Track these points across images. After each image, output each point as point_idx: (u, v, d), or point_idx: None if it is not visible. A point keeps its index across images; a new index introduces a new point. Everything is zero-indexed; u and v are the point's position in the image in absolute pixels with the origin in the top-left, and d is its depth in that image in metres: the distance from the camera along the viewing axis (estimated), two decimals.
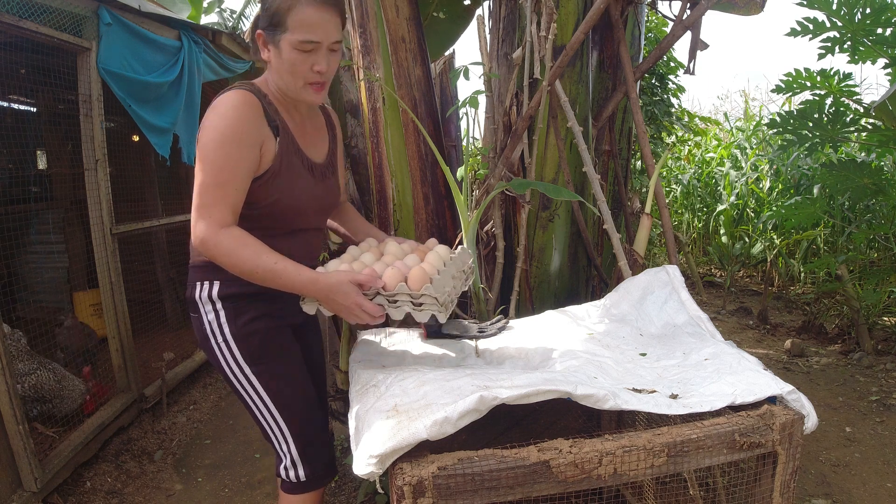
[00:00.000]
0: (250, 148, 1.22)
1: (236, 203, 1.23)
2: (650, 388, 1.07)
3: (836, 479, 2.21)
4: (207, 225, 1.19)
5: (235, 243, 1.19)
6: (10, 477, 1.95)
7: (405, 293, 1.19)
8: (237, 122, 1.20)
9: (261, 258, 1.19)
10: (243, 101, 1.22)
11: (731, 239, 5.19)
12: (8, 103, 3.36)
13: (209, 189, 1.20)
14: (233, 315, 1.32)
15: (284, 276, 1.19)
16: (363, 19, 2.01)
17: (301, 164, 1.33)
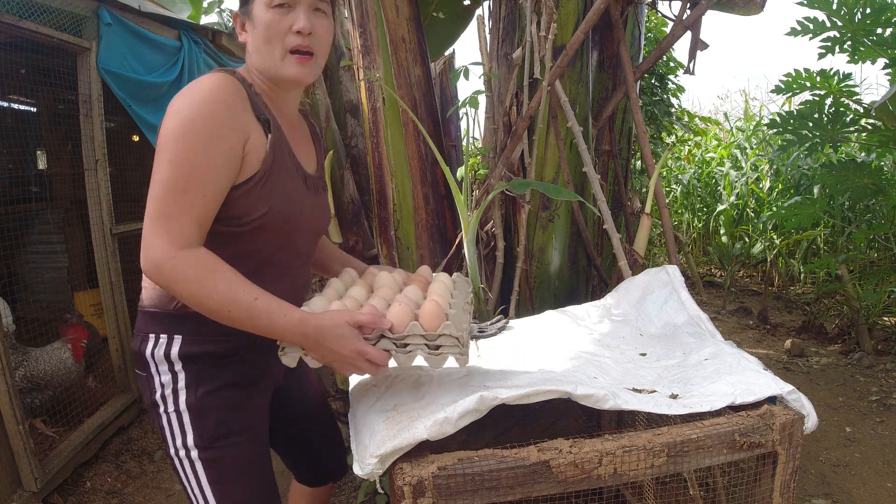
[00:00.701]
0: (230, 140, 0.95)
1: (205, 216, 0.94)
2: (650, 388, 1.07)
3: (836, 479, 2.21)
4: (165, 243, 0.90)
5: (201, 269, 0.91)
6: (10, 477, 1.95)
7: (418, 334, 0.98)
8: (212, 106, 0.93)
9: (236, 291, 0.92)
10: (222, 83, 0.96)
11: (731, 239, 5.19)
12: (8, 103, 3.36)
13: (170, 194, 0.91)
14: (194, 381, 1.05)
15: (265, 316, 0.93)
16: (363, 19, 2.01)
17: (294, 169, 1.09)
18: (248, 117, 1.00)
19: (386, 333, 0.98)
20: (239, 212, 1.00)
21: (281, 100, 1.11)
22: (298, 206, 1.08)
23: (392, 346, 0.98)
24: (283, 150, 1.06)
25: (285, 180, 1.05)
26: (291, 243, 1.12)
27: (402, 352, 0.98)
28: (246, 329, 0.95)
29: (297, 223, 1.09)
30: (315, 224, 1.18)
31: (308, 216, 1.13)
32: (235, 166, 0.98)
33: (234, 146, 0.96)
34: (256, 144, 1.00)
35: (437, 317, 0.99)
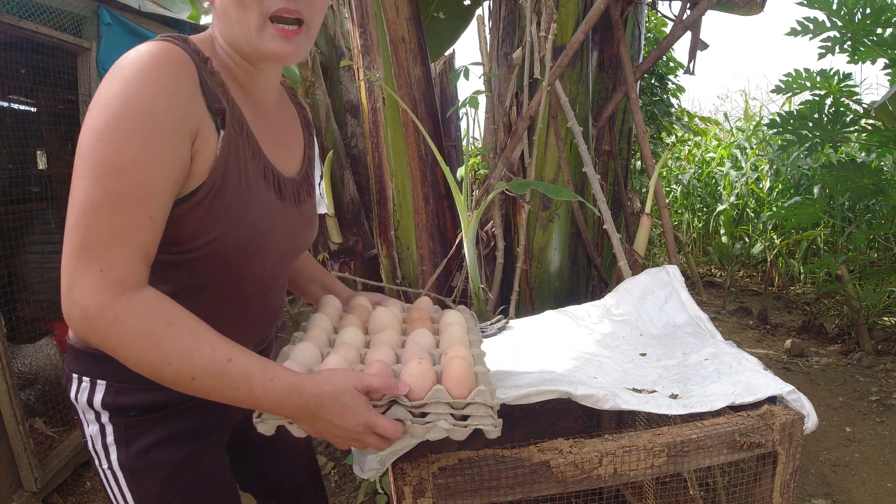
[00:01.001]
0: (176, 137, 0.71)
1: (151, 243, 0.71)
2: (650, 388, 1.07)
3: (836, 479, 2.21)
4: (96, 286, 0.67)
5: (151, 322, 0.68)
6: (10, 477, 1.95)
7: (443, 402, 0.78)
8: (152, 89, 0.68)
9: (201, 351, 0.69)
10: (163, 56, 0.70)
11: (731, 239, 5.18)
12: (8, 103, 3.35)
13: (102, 217, 0.67)
14: (124, 437, 0.84)
15: (244, 384, 0.70)
16: (363, 19, 2.01)
17: (262, 176, 0.83)
18: (198, 105, 0.74)
19: (401, 399, 0.78)
20: (177, 237, 0.75)
21: (253, 81, 0.84)
22: (265, 227, 0.83)
23: (407, 415, 0.78)
24: (243, 152, 0.80)
25: (246, 195, 0.79)
26: (254, 273, 0.87)
27: (420, 422, 0.78)
28: (215, 399, 0.72)
29: (262, 248, 0.84)
30: (292, 244, 0.93)
31: (281, 236, 0.88)
32: (183, 174, 0.73)
33: (182, 147, 0.72)
34: (206, 144, 0.75)
35: (465, 380, 0.80)
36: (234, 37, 0.78)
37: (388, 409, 0.78)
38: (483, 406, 0.79)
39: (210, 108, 0.76)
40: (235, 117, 0.79)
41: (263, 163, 0.84)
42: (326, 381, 0.73)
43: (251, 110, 0.85)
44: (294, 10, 0.76)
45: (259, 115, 0.87)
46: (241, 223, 0.80)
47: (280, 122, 0.94)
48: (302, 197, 0.94)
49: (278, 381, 0.71)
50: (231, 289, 0.86)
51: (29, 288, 3.32)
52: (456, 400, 0.79)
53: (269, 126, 0.89)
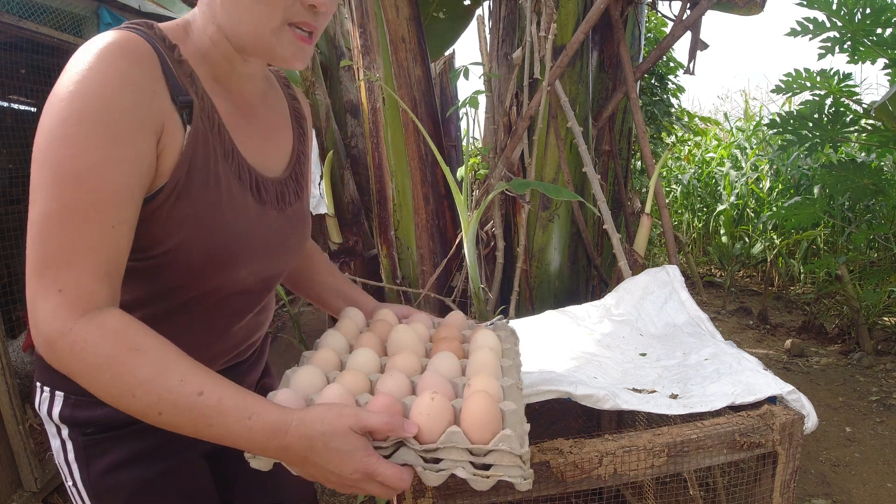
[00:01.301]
0: (140, 136, 0.64)
1: (115, 258, 0.64)
2: (650, 388, 1.07)
3: (836, 479, 2.21)
4: (56, 308, 0.61)
5: (113, 347, 0.61)
6: (10, 477, 1.95)
7: (461, 447, 0.66)
8: (112, 84, 0.62)
9: (167, 383, 0.61)
10: (123, 46, 0.64)
11: (731, 239, 5.18)
12: (8, 103, 3.36)
13: (58, 230, 0.61)
14: (83, 456, 0.79)
15: (218, 421, 0.61)
16: (363, 19, 2.01)
17: (236, 176, 0.75)
18: (162, 98, 0.67)
19: (409, 442, 0.66)
20: (141, 241, 0.69)
21: (233, 72, 0.77)
22: (239, 233, 0.75)
23: (418, 460, 0.66)
24: (213, 150, 0.72)
25: (215, 196, 0.72)
26: (233, 283, 0.78)
27: (432, 469, 0.66)
28: (186, 433, 0.63)
29: (237, 255, 0.76)
30: (276, 251, 0.83)
31: (261, 243, 0.79)
32: (150, 174, 0.66)
33: (146, 144, 0.65)
34: (172, 140, 0.68)
35: (487, 421, 0.67)
36: (239, 29, 0.71)
37: (396, 451, 0.67)
38: (508, 454, 0.65)
39: (175, 99, 0.68)
40: (205, 111, 0.72)
41: (238, 162, 0.76)
42: (317, 419, 0.63)
43: (227, 104, 0.77)
44: (313, 26, 0.74)
45: (237, 110, 0.79)
46: (208, 228, 0.72)
47: (265, 116, 0.85)
48: (287, 199, 0.84)
49: (258, 419, 0.62)
50: (208, 299, 0.78)
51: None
52: (475, 445, 0.66)
53: (249, 121, 0.80)
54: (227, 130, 0.75)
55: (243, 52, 0.75)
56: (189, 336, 0.78)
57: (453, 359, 0.84)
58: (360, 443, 0.63)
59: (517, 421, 0.70)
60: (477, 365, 0.82)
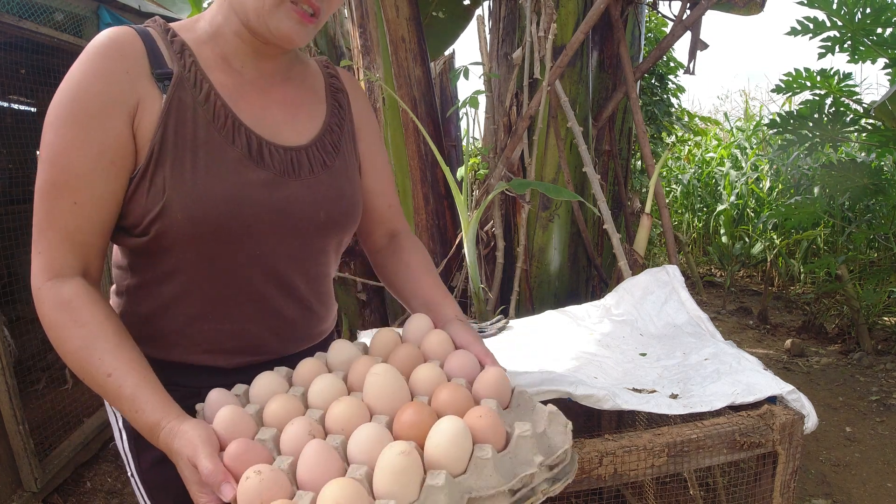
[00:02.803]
0: (108, 119, 0.69)
1: (81, 232, 0.70)
2: (650, 388, 1.07)
3: (836, 479, 2.21)
4: (37, 268, 0.70)
5: (60, 314, 0.68)
6: (10, 477, 1.95)
7: None
8: (85, 76, 0.69)
9: (89, 356, 0.67)
10: (103, 41, 0.71)
11: (731, 239, 5.18)
12: (8, 103, 3.36)
13: (41, 204, 0.70)
14: (134, 446, 0.81)
15: (118, 404, 0.67)
16: (363, 19, 2.01)
17: (228, 140, 0.74)
18: (137, 79, 0.71)
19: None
20: (135, 215, 0.73)
21: (247, 49, 0.79)
22: (229, 194, 0.73)
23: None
24: (195, 112, 0.73)
25: (195, 157, 0.72)
26: (238, 255, 0.76)
27: None
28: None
29: (231, 221, 0.73)
30: (290, 219, 0.78)
31: (261, 208, 0.75)
32: (124, 153, 0.70)
33: (116, 126, 0.69)
34: (149, 115, 0.71)
35: None
36: (245, 7, 0.74)
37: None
38: None
39: (156, 75, 0.73)
40: (189, 80, 0.74)
41: (232, 126, 0.75)
42: (179, 434, 0.64)
43: (232, 78, 0.78)
44: (316, 6, 0.74)
45: (247, 84, 0.79)
46: (190, 191, 0.71)
47: (286, 91, 0.84)
48: (307, 166, 0.80)
49: (141, 416, 0.66)
50: (214, 277, 0.76)
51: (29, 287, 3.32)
52: None
53: (262, 94, 0.80)
54: (221, 98, 0.76)
55: (253, 32, 0.76)
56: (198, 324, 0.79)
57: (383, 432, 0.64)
58: (195, 476, 0.62)
59: None
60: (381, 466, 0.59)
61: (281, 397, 0.71)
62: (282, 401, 0.70)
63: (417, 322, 0.84)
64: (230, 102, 0.76)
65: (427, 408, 0.67)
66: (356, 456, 0.62)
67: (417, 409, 0.66)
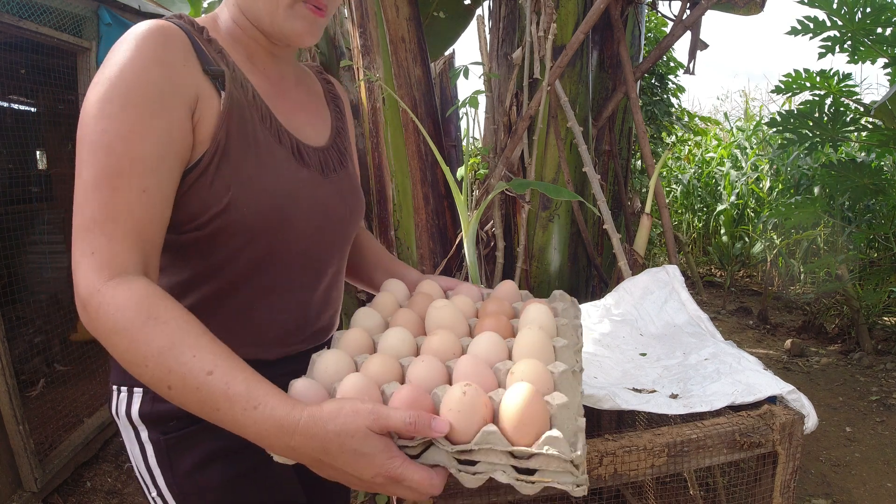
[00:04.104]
0: (171, 107, 0.67)
1: (147, 224, 0.66)
2: (650, 388, 1.07)
3: (836, 478, 2.21)
4: (90, 270, 0.62)
5: (132, 313, 0.60)
6: (10, 477, 1.95)
7: (499, 450, 0.58)
8: (141, 64, 0.66)
9: (178, 355, 0.59)
10: (151, 31, 0.68)
11: (731, 239, 5.18)
12: (8, 103, 3.36)
13: (94, 198, 0.64)
14: (166, 457, 0.77)
15: (225, 405, 0.58)
16: (363, 19, 2.01)
17: (276, 139, 0.78)
18: (194, 72, 0.71)
19: (440, 441, 0.59)
20: (187, 212, 0.71)
21: (265, 53, 0.82)
22: (286, 192, 0.76)
23: (451, 461, 0.59)
24: (249, 114, 0.75)
25: (256, 156, 0.74)
26: (286, 250, 0.79)
27: (467, 471, 0.59)
28: (193, 413, 0.61)
29: (289, 216, 0.77)
30: (328, 216, 0.84)
31: (310, 205, 0.80)
32: (184, 144, 0.69)
33: (178, 115, 0.68)
34: (208, 109, 0.71)
35: (529, 420, 0.58)
36: (256, 9, 0.76)
37: (425, 450, 0.60)
38: (556, 459, 0.56)
39: (207, 71, 0.72)
40: (238, 80, 0.75)
41: (276, 126, 0.79)
42: (329, 418, 0.57)
43: (260, 78, 0.81)
44: (323, 4, 0.78)
45: (272, 86, 0.83)
46: (254, 186, 0.74)
47: (301, 94, 0.89)
48: (332, 166, 0.87)
49: (264, 411, 0.58)
50: (257, 270, 0.78)
51: (29, 288, 3.32)
52: (516, 448, 0.57)
53: (285, 97, 0.84)
54: (262, 99, 0.78)
55: (265, 33, 0.79)
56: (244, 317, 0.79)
57: (497, 339, 0.72)
58: (380, 444, 0.57)
59: (569, 416, 0.60)
60: (522, 347, 0.70)
61: (375, 357, 0.70)
62: (376, 359, 0.69)
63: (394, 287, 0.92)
64: (267, 103, 0.79)
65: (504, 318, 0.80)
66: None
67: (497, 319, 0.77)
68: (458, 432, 0.59)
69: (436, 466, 0.60)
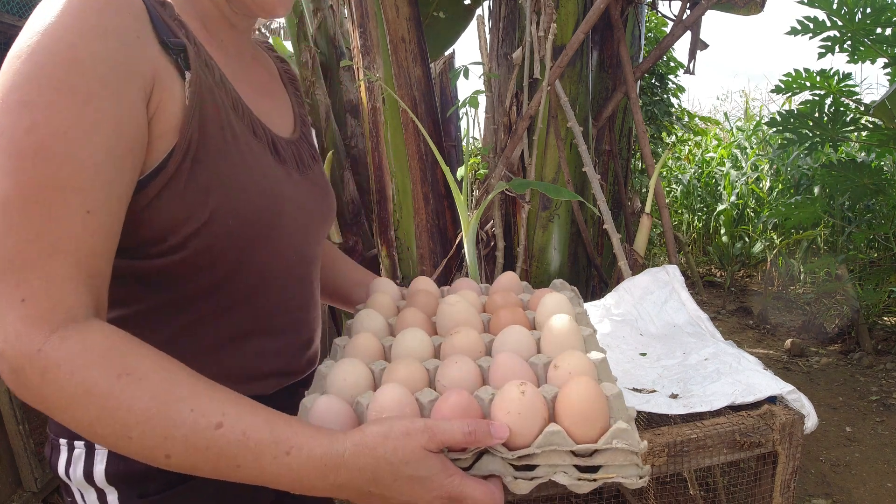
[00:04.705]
0: (122, 94, 0.50)
1: (91, 249, 0.48)
2: (650, 388, 1.07)
3: (836, 478, 2.21)
4: (18, 322, 0.45)
5: (97, 374, 0.46)
6: (10, 477, 1.95)
7: (564, 450, 0.54)
8: (83, 33, 0.48)
9: (174, 415, 0.47)
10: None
11: (731, 239, 5.19)
12: None
13: (12, 220, 0.46)
14: None
15: (250, 458, 0.48)
16: (363, 19, 2.01)
17: (251, 132, 0.63)
18: (152, 48, 0.53)
19: (496, 449, 0.53)
20: (158, 228, 0.54)
21: (223, 19, 0.65)
22: (272, 191, 0.63)
23: (507, 469, 0.54)
24: (221, 100, 0.59)
25: (236, 153, 0.59)
26: (279, 260, 0.66)
27: (525, 478, 0.54)
28: (206, 476, 0.50)
29: (277, 221, 0.64)
30: (309, 218, 0.71)
31: (294, 205, 0.67)
32: (138, 143, 0.51)
33: (130, 104, 0.50)
34: (169, 95, 0.54)
35: (594, 414, 0.54)
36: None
37: (477, 460, 0.54)
38: (623, 452, 0.53)
39: (165, 45, 0.54)
40: (202, 58, 0.58)
41: (249, 116, 0.63)
42: (378, 443, 0.49)
43: (219, 54, 0.63)
44: None
45: (231, 61, 0.66)
46: (239, 190, 0.58)
47: (261, 75, 0.73)
48: (306, 162, 0.73)
49: (299, 454, 0.48)
50: (257, 290, 0.64)
51: None
52: (583, 445, 0.54)
53: (246, 75, 0.68)
54: (229, 82, 0.62)
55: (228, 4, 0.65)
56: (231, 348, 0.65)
57: (525, 333, 0.67)
58: (438, 464, 0.50)
59: (622, 406, 0.57)
60: (559, 338, 0.66)
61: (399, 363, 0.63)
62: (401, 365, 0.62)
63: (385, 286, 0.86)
64: (236, 86, 0.63)
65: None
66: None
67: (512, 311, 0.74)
68: (516, 436, 0.54)
69: (490, 476, 0.54)
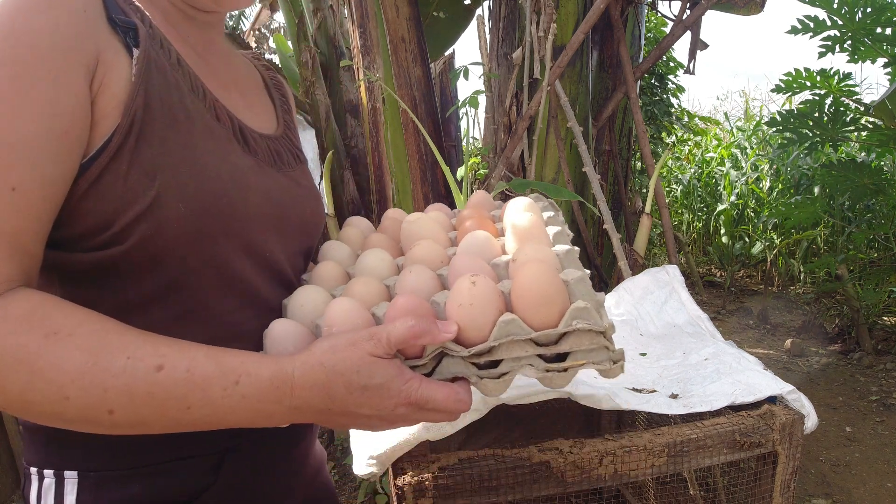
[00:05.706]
0: (62, 73, 0.48)
1: (16, 226, 0.46)
2: (650, 388, 1.07)
3: (836, 478, 2.21)
4: None
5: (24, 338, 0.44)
6: (10, 477, 1.96)
7: (521, 339, 0.50)
8: (13, 6, 0.47)
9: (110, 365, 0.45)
10: None
11: (731, 239, 5.18)
12: None
13: None
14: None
15: (198, 396, 0.46)
16: (363, 19, 2.01)
17: (211, 115, 0.59)
18: (98, 25, 0.51)
19: (452, 348, 0.51)
20: (98, 216, 0.51)
21: (187, 25, 0.64)
22: (230, 176, 0.57)
23: (470, 369, 0.51)
24: (174, 80, 0.56)
25: (187, 133, 0.55)
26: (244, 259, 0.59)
27: (490, 376, 0.51)
28: (157, 431, 0.47)
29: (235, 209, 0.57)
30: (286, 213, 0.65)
31: (261, 196, 0.61)
32: (80, 123, 0.49)
33: (71, 81, 0.48)
34: (115, 74, 0.51)
35: (551, 297, 0.50)
36: None
37: (438, 364, 0.52)
38: (588, 333, 0.49)
39: (114, 26, 0.52)
40: (156, 38, 0.55)
41: (211, 99, 0.59)
42: (325, 358, 0.48)
43: (182, 45, 0.61)
44: None
45: (195, 53, 0.64)
46: (191, 172, 0.53)
47: (234, 72, 0.71)
48: (286, 159, 0.68)
49: (249, 381, 0.47)
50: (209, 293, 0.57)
51: None
52: (543, 331, 0.50)
53: (213, 69, 0.65)
54: (189, 67, 0.59)
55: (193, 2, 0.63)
56: None
57: (487, 236, 0.63)
58: (391, 369, 0.49)
59: (587, 290, 0.52)
60: (520, 233, 0.61)
61: (356, 280, 0.61)
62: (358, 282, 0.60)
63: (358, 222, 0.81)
64: (197, 72, 0.60)
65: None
66: None
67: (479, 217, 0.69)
68: (470, 331, 0.50)
69: (455, 379, 0.52)
